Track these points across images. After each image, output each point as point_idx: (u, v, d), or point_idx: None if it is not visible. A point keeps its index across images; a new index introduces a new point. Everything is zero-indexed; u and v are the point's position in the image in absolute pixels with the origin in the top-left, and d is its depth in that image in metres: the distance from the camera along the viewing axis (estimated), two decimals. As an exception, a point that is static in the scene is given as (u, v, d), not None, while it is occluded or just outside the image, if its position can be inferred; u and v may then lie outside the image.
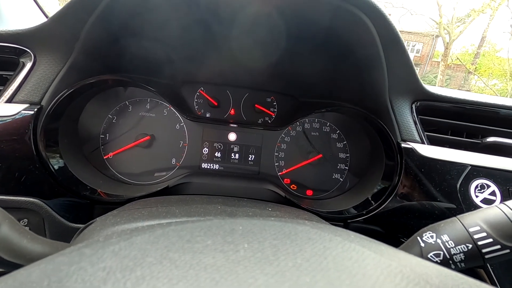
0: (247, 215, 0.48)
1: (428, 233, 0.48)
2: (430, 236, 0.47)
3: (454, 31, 15.97)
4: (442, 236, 0.46)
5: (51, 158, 0.67)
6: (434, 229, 0.48)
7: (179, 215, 0.45)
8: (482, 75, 18.12)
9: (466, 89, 18.25)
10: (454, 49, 19.59)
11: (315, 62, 0.77)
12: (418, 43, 24.01)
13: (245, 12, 0.61)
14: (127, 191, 0.81)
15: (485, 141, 0.80)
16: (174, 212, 0.47)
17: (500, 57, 18.32)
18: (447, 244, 0.45)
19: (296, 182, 0.97)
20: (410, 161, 0.75)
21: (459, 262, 0.44)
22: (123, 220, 0.44)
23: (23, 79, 0.67)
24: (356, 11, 0.55)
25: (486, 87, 16.46)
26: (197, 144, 0.93)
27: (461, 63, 18.38)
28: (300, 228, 0.28)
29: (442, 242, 0.45)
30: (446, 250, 0.45)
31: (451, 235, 0.46)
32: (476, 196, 0.72)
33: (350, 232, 0.33)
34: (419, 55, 24.10)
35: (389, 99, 0.77)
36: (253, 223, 0.29)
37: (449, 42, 15.84)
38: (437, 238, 0.46)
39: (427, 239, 0.47)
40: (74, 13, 0.61)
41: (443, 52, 15.98)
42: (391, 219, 0.77)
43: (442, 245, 0.45)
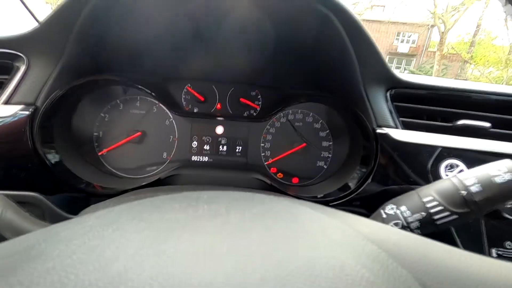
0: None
1: (390, 205, 0.54)
2: (391, 208, 0.53)
3: (449, 20, 15.98)
4: (401, 207, 0.52)
5: (47, 154, 0.72)
6: (395, 202, 0.54)
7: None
8: (478, 64, 18.14)
9: (463, 78, 18.27)
10: (449, 39, 19.59)
11: (292, 57, 0.82)
12: (414, 34, 24.00)
13: (228, 6, 0.65)
14: (121, 184, 0.86)
15: (456, 124, 0.85)
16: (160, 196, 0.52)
17: (495, 45, 18.33)
18: (405, 213, 0.50)
19: (282, 171, 1.03)
20: (385, 145, 0.80)
21: (415, 229, 0.50)
22: (115, 204, 0.49)
23: (18, 82, 0.71)
24: (319, 6, 0.60)
25: (482, 76, 16.49)
26: (186, 138, 0.98)
27: (457, 52, 18.40)
28: (260, 197, 0.33)
29: (401, 212, 0.51)
30: (404, 219, 0.50)
31: (408, 205, 0.51)
32: (446, 175, 0.77)
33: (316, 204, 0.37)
34: (414, 46, 24.09)
35: (363, 88, 0.82)
36: (219, 192, 0.34)
37: (444, 31, 15.85)
38: (397, 209, 0.52)
39: (388, 211, 0.53)
40: (63, 17, 0.66)
41: (439, 41, 16.00)
42: (370, 201, 0.83)
43: (401, 215, 0.51)
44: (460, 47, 19.86)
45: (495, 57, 16.79)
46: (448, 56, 19.77)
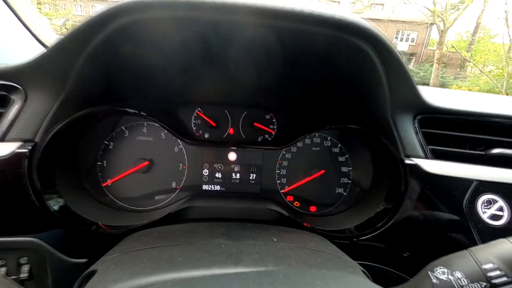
0: (253, 260, 0.47)
1: (440, 268, 0.47)
2: (442, 272, 0.46)
3: (448, 19, 15.93)
4: (454, 272, 0.45)
5: (49, 200, 0.66)
6: (446, 264, 0.47)
7: (183, 266, 0.44)
8: (477, 62, 18.11)
9: (462, 76, 18.27)
10: (449, 37, 19.57)
11: (315, 83, 0.76)
12: (413, 32, 23.97)
13: (245, 35, 0.59)
14: (129, 219, 0.79)
15: (489, 153, 0.78)
16: (177, 262, 0.46)
17: (495, 43, 18.30)
18: (461, 281, 0.44)
19: (299, 199, 0.96)
20: (414, 178, 0.74)
21: (473, 300, 0.43)
22: (125, 275, 0.42)
23: (15, 116, 0.64)
24: (356, 40, 0.53)
25: (482, 74, 16.46)
26: (197, 166, 0.92)
27: (457, 51, 18.35)
28: None
29: (455, 280, 0.44)
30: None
31: (464, 271, 0.45)
32: (484, 212, 0.71)
33: None
34: (414, 44, 24.06)
35: (391, 115, 0.75)
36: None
37: (443, 30, 15.81)
38: (450, 275, 0.45)
39: (439, 275, 0.46)
40: (65, 50, 0.59)
41: (438, 40, 15.96)
42: (396, 236, 0.77)
43: (455, 283, 0.44)
44: (459, 45, 19.85)
45: (495, 55, 16.74)
46: (447, 55, 19.74)
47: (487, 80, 15.51)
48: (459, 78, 18.61)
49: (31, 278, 0.69)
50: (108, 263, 0.50)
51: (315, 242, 0.64)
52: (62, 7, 19.21)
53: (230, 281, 0.32)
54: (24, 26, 1.08)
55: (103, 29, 0.53)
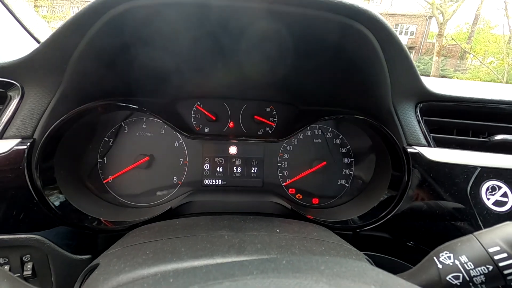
0: (256, 250, 0.46)
1: (445, 253, 0.46)
2: (448, 257, 0.46)
3: (447, 11, 15.78)
4: (460, 257, 0.44)
5: (50, 196, 0.65)
6: (451, 249, 0.47)
7: (185, 257, 0.44)
8: (478, 53, 17.99)
9: (463, 68, 18.16)
10: (448, 29, 19.43)
11: (316, 72, 0.75)
12: (412, 25, 23.79)
13: (253, 27, 0.58)
14: (130, 215, 0.79)
15: (493, 139, 0.78)
16: (180, 252, 0.45)
17: (495, 34, 18.17)
18: (466, 265, 0.43)
19: (302, 191, 0.96)
20: (417, 166, 0.73)
21: (479, 284, 0.42)
22: (127, 266, 0.42)
23: (13, 113, 0.64)
24: (360, 27, 0.52)
25: (482, 65, 16.36)
26: (197, 161, 0.91)
27: (456, 43, 18.22)
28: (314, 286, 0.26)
29: (461, 264, 0.44)
30: (466, 272, 0.43)
31: (469, 255, 0.44)
32: (488, 198, 0.71)
33: (370, 281, 0.31)
34: (413, 37, 23.89)
35: (392, 103, 0.74)
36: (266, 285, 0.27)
37: (443, 22, 15.67)
38: (455, 259, 0.45)
39: (444, 260, 0.46)
40: (63, 40, 0.58)
41: (438, 32, 15.82)
42: (400, 226, 0.76)
43: (461, 267, 0.43)
44: (459, 37, 19.71)
45: (495, 46, 16.61)
46: (447, 47, 19.60)
47: (487, 72, 15.40)
48: (459, 70, 18.50)
49: (34, 276, 0.69)
50: (111, 256, 0.49)
51: (318, 232, 0.63)
52: (59, 9, 19.17)
53: (233, 268, 0.32)
54: (23, 27, 1.07)
55: (102, 16, 0.52)
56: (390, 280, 0.32)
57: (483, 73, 15.75)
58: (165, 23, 0.57)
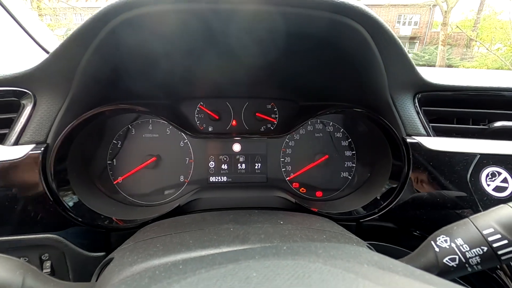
0: (260, 239, 0.49)
1: (442, 237, 0.48)
2: (444, 240, 0.47)
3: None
4: (456, 239, 0.46)
5: (64, 196, 0.69)
6: (448, 233, 0.48)
7: (193, 247, 0.46)
8: (484, 41, 17.64)
9: (469, 56, 17.81)
10: (453, 17, 19.06)
11: (313, 67, 0.77)
12: (415, 15, 23.42)
13: (244, 21, 0.60)
14: (140, 214, 0.82)
15: (492, 127, 0.78)
16: (188, 244, 0.48)
17: (501, 20, 17.76)
18: (462, 248, 0.45)
19: (305, 185, 0.98)
20: (417, 156, 0.75)
21: (475, 265, 0.44)
22: (140, 258, 0.45)
23: (26, 120, 0.68)
24: (350, 21, 0.54)
25: (489, 53, 16.03)
26: (203, 159, 0.94)
27: (462, 31, 17.89)
28: (313, 267, 0.29)
29: (457, 246, 0.46)
30: (462, 254, 0.45)
31: (465, 238, 0.46)
32: (488, 184, 0.72)
33: (364, 261, 0.33)
34: (417, 28, 23.55)
35: (390, 95, 0.76)
36: (266, 266, 0.29)
37: (447, 10, 15.37)
38: (451, 242, 0.46)
39: (441, 244, 0.47)
40: (71, 48, 0.61)
41: (442, 21, 15.54)
42: (403, 215, 0.77)
43: (457, 249, 0.45)
44: (464, 25, 19.32)
45: (502, 32, 16.27)
46: (452, 35, 19.27)
47: (495, 59, 15.09)
48: (465, 58, 18.16)
49: (53, 273, 0.73)
50: (124, 251, 0.52)
51: (321, 223, 0.65)
52: (62, 17, 19.46)
53: (237, 254, 0.35)
54: (31, 37, 1.11)
55: (108, 23, 0.55)
56: (383, 260, 0.34)
57: (490, 60, 15.42)
58: (158, 24, 0.60)
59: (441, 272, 0.46)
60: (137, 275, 0.37)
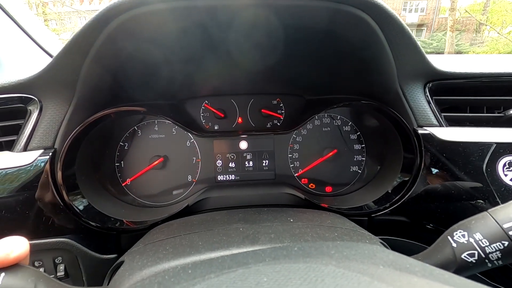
0: (270, 239, 0.48)
1: (459, 231, 0.46)
2: (462, 235, 0.46)
3: (459, -18, 15.01)
4: (474, 234, 0.44)
5: (74, 201, 0.69)
6: (465, 227, 0.46)
7: (203, 250, 0.46)
8: (495, 25, 17.07)
9: (479, 42, 17.29)
10: (461, 2, 18.47)
11: (318, 61, 0.75)
12: (422, 2, 22.80)
13: (244, 17, 0.59)
14: (149, 215, 0.83)
15: (508, 114, 0.75)
16: (197, 246, 0.48)
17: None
18: (481, 242, 0.43)
19: (314, 181, 0.96)
20: (430, 148, 0.72)
21: (495, 260, 0.42)
22: (150, 262, 0.45)
23: (33, 126, 0.68)
24: (356, 11, 0.52)
25: (500, 37, 15.53)
26: (210, 158, 0.94)
27: (471, 15, 17.35)
28: (325, 271, 0.28)
29: (476, 241, 0.44)
30: (481, 249, 0.43)
31: (484, 232, 0.44)
32: (505, 175, 0.69)
33: (379, 262, 0.31)
34: (424, 14, 22.93)
35: (399, 85, 0.73)
36: (277, 270, 0.28)
37: (455, -6, 14.92)
38: (470, 237, 0.44)
39: (458, 239, 0.46)
40: (71, 55, 0.61)
41: (450, 6, 15.08)
42: (415, 208, 0.75)
43: (476, 244, 0.43)
44: (473, 9, 18.72)
45: (514, 15, 15.72)
46: (461, 21, 18.71)
47: (506, 43, 14.61)
48: (475, 44, 17.63)
49: (67, 276, 0.74)
50: (134, 254, 0.52)
51: (331, 220, 0.64)
52: (68, 21, 19.71)
53: (246, 257, 0.34)
54: (35, 42, 1.12)
55: (104, 28, 0.55)
56: (399, 259, 0.32)
57: (501, 44, 14.94)
58: (157, 27, 0.59)
59: (459, 269, 0.44)
60: (147, 280, 0.37)
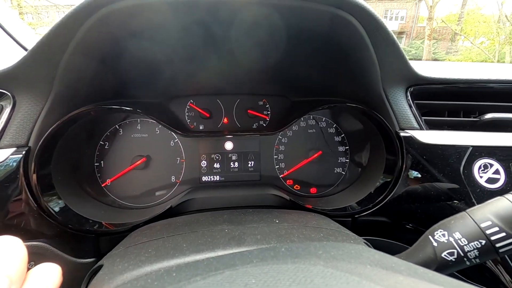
0: (256, 240, 0.47)
1: (440, 231, 0.48)
2: (442, 235, 0.47)
3: (436, -7, 15.74)
4: (454, 233, 0.46)
5: (49, 202, 0.66)
6: (445, 227, 0.48)
7: (187, 252, 0.44)
8: (468, 35, 18.03)
9: (454, 50, 18.19)
10: (438, 12, 19.40)
11: (306, 63, 0.76)
12: (402, 10, 23.70)
13: (240, 18, 0.58)
14: (130, 216, 0.80)
15: (483, 119, 0.79)
16: (182, 248, 0.46)
17: (484, 14, 18.19)
18: (460, 241, 0.45)
19: (299, 182, 0.97)
20: (411, 150, 0.75)
21: (473, 259, 0.44)
22: (131, 265, 0.43)
23: (5, 123, 0.64)
24: (347, 15, 0.53)
25: (473, 46, 16.40)
26: (194, 158, 0.92)
27: (447, 25, 18.23)
28: (314, 271, 0.27)
29: (455, 240, 0.45)
30: (460, 248, 0.44)
31: (463, 232, 0.45)
32: (480, 176, 0.72)
33: (366, 261, 0.32)
34: (403, 22, 23.82)
35: (383, 89, 0.75)
36: (265, 271, 0.28)
37: (432, 5, 15.63)
38: (449, 236, 0.46)
39: (439, 238, 0.47)
40: (49, 48, 0.58)
41: (428, 16, 15.78)
42: (397, 209, 0.77)
43: (455, 243, 0.45)
44: (449, 19, 19.70)
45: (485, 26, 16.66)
46: (438, 30, 19.60)
47: (479, 52, 15.47)
48: (451, 52, 18.54)
49: (40, 282, 0.70)
50: (114, 257, 0.50)
51: (317, 220, 0.64)
52: (45, 15, 18.88)
53: (233, 259, 0.33)
54: (9, 35, 1.06)
55: (86, 20, 0.52)
56: (385, 259, 0.33)
57: (474, 53, 15.81)
58: (154, 18, 0.57)
59: (439, 267, 0.45)
60: (128, 284, 0.35)
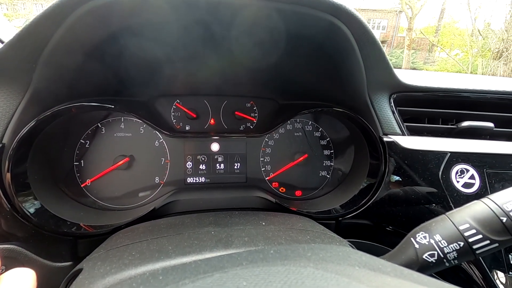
0: (244, 243, 0.47)
1: (421, 233, 0.49)
2: (423, 237, 0.49)
3: (415, 6, 16.46)
4: (434, 236, 0.47)
5: (24, 202, 0.62)
6: (426, 229, 0.50)
7: (173, 254, 0.43)
8: (444, 46, 18.96)
9: (431, 61, 19.04)
10: (417, 23, 20.28)
11: (298, 69, 0.77)
12: (383, 20, 24.59)
13: (239, 19, 0.57)
14: (112, 218, 0.77)
15: (460, 126, 0.83)
16: (167, 251, 0.45)
17: (459, 28, 19.21)
18: (440, 243, 0.46)
19: (285, 184, 0.97)
20: (393, 154, 0.77)
21: (452, 260, 0.46)
22: (114, 268, 0.41)
23: (-22, 118, 0.60)
24: (338, 23, 0.54)
25: (449, 58, 17.26)
26: (179, 159, 0.90)
27: (425, 36, 19.10)
28: (305, 273, 0.27)
29: (436, 242, 0.47)
30: (440, 250, 0.46)
31: (443, 234, 0.47)
32: (457, 181, 0.76)
33: (354, 263, 0.32)
34: (385, 32, 24.71)
35: (368, 95, 0.77)
36: (256, 273, 0.27)
37: (411, 16, 16.32)
38: (430, 238, 0.48)
39: (420, 240, 0.49)
40: (28, 41, 0.55)
41: (407, 27, 16.46)
42: (379, 212, 0.79)
43: (436, 245, 0.47)
44: (427, 31, 20.64)
45: (460, 39, 17.59)
46: (417, 41, 20.47)
47: (454, 63, 16.29)
48: (428, 62, 19.41)
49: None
50: (94, 260, 0.48)
51: (302, 223, 0.65)
52: (21, 7, 18.05)
53: (222, 261, 0.32)
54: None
55: (71, 13, 0.50)
56: (371, 261, 0.33)
57: (450, 64, 16.64)
58: (137, 12, 0.55)
59: (421, 268, 0.47)
60: None
